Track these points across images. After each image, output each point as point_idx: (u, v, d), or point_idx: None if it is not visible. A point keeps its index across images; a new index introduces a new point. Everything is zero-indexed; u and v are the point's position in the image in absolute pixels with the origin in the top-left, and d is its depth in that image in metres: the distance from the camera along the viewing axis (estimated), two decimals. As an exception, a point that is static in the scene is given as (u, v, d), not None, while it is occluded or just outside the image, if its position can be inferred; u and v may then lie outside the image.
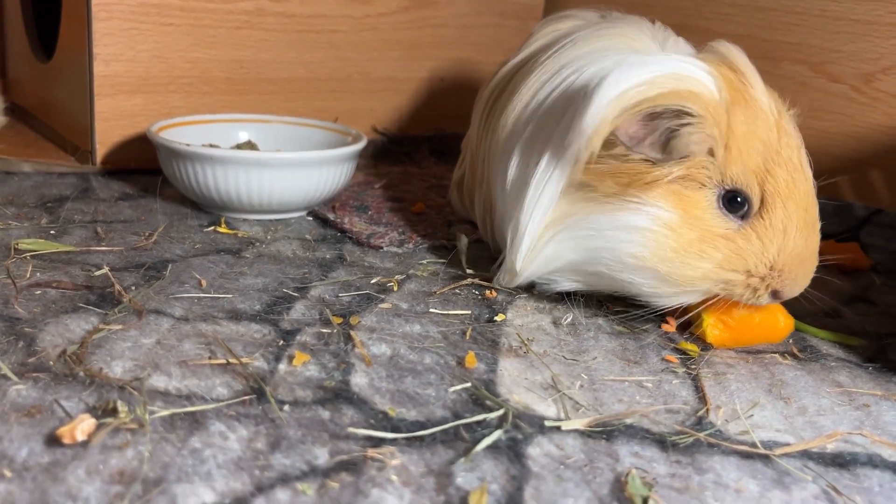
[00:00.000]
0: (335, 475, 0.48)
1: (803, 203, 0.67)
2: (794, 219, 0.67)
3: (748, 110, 0.67)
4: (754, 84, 0.68)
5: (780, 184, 0.66)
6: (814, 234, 0.68)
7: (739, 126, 0.66)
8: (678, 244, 0.66)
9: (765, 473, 0.52)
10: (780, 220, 0.66)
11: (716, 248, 0.66)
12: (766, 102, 0.68)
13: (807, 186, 0.67)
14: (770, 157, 0.66)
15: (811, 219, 0.68)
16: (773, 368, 0.68)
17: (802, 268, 0.68)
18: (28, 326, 0.63)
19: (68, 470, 0.46)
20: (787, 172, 0.66)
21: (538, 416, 0.56)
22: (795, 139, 0.69)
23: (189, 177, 0.91)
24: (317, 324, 0.68)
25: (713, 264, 0.66)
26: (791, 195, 0.66)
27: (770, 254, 0.67)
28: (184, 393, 0.55)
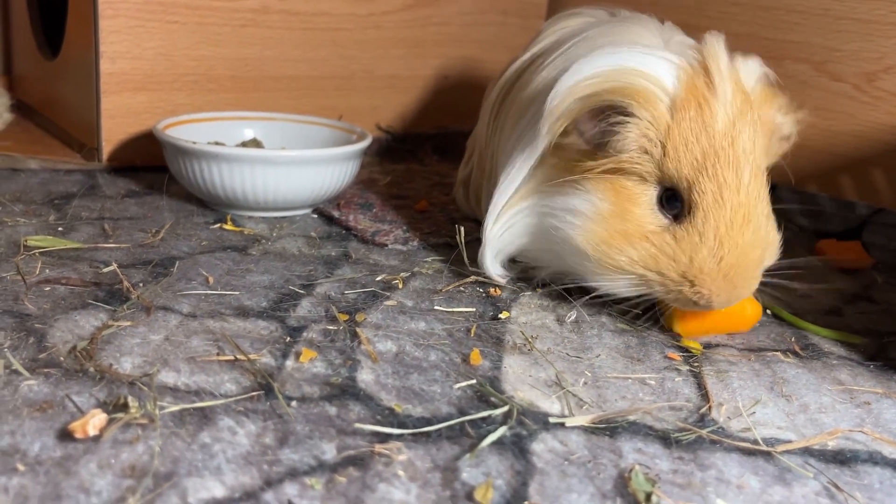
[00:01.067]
0: (343, 470, 0.49)
1: (728, 218, 0.65)
2: (712, 232, 0.65)
3: (698, 114, 0.66)
4: (717, 89, 0.67)
5: (707, 194, 0.65)
6: (737, 252, 0.65)
7: (682, 128, 0.66)
8: (605, 233, 0.69)
9: (766, 470, 0.53)
10: (698, 229, 0.66)
11: (633, 245, 0.68)
12: (723, 110, 0.66)
13: (736, 202, 0.65)
14: (705, 164, 0.66)
15: (736, 237, 0.65)
16: (774, 366, 0.68)
17: (719, 284, 0.66)
18: (38, 322, 0.64)
19: (80, 464, 0.47)
20: (716, 185, 0.65)
21: (542, 413, 0.57)
22: (745, 153, 0.66)
23: (195, 174, 0.92)
24: (323, 321, 0.69)
25: (628, 259, 0.68)
26: (715, 207, 0.65)
27: (681, 261, 0.66)
28: (193, 389, 0.56)
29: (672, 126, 0.66)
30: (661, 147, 0.67)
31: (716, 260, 0.66)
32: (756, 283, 0.69)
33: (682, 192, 0.67)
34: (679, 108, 0.67)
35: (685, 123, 0.66)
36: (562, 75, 0.69)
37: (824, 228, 1.10)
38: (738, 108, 0.67)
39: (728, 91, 0.67)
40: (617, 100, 0.67)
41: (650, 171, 0.68)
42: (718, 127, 0.66)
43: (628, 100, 0.67)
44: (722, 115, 0.66)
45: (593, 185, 0.70)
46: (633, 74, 0.67)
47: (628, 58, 0.68)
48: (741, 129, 0.67)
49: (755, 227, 0.67)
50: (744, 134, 0.67)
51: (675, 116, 0.67)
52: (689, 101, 0.67)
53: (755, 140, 0.67)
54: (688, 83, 0.67)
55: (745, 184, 0.66)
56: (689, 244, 0.66)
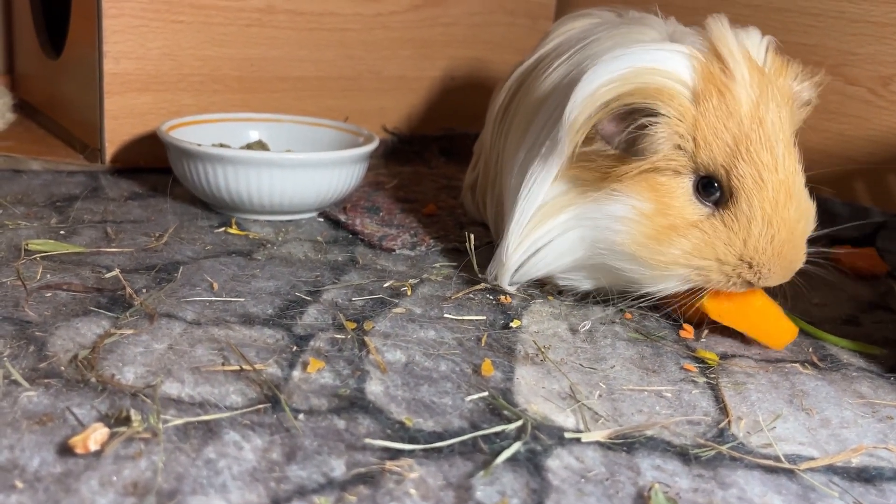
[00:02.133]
0: (352, 488, 0.47)
1: (771, 198, 0.66)
2: (759, 214, 0.66)
3: (721, 101, 0.66)
4: (735, 73, 0.67)
5: (746, 178, 0.66)
6: (785, 229, 0.67)
7: (708, 118, 0.66)
8: (652, 231, 0.68)
9: (789, 489, 0.51)
10: (745, 213, 0.67)
11: (684, 236, 0.68)
12: (745, 93, 0.66)
13: (777, 181, 0.66)
14: (739, 150, 0.66)
15: (783, 214, 0.66)
16: (793, 378, 0.66)
17: (775, 261, 0.67)
18: (39, 330, 0.62)
19: (81, 481, 0.45)
20: (753, 167, 0.66)
21: (557, 428, 0.55)
22: (775, 131, 0.67)
23: (200, 177, 0.90)
24: (330, 329, 0.67)
25: (682, 251, 0.68)
26: (757, 190, 0.66)
27: (736, 245, 0.67)
28: (197, 400, 0.55)
29: (698, 117, 0.67)
30: (691, 140, 0.67)
31: (768, 239, 0.67)
32: (804, 253, 0.69)
33: (721, 180, 0.68)
34: (701, 98, 0.67)
35: (710, 112, 0.66)
36: (575, 85, 0.67)
37: (838, 234, 1.08)
38: (757, 86, 0.67)
39: (745, 72, 0.67)
40: (640, 102, 0.66)
41: (684, 165, 0.68)
42: (744, 110, 0.67)
43: (652, 100, 0.66)
44: (745, 98, 0.67)
45: (629, 188, 0.69)
46: (649, 73, 0.67)
47: (641, 56, 0.67)
48: (766, 108, 0.67)
49: (797, 201, 0.68)
50: (770, 111, 0.67)
51: (700, 107, 0.67)
52: (710, 89, 0.67)
53: (780, 114, 0.68)
54: (704, 72, 0.67)
55: (781, 161, 0.67)
56: (741, 227, 0.67)
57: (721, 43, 0.68)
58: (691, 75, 0.67)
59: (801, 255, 0.69)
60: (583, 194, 0.71)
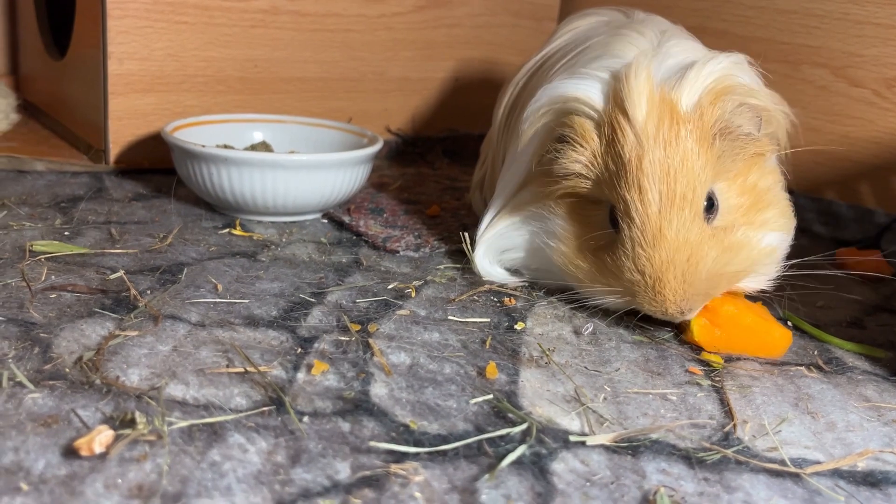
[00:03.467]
0: (357, 491, 0.47)
1: (637, 235, 0.66)
2: (630, 246, 0.67)
3: (613, 136, 0.68)
4: (628, 107, 0.67)
5: (622, 212, 0.68)
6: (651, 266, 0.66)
7: (605, 151, 0.69)
8: (572, 252, 0.73)
9: (795, 493, 0.51)
10: (622, 245, 0.68)
11: (585, 259, 0.72)
12: (631, 131, 0.67)
13: (644, 220, 0.66)
14: (618, 185, 0.68)
15: (650, 253, 0.66)
16: (798, 381, 0.66)
17: (651, 294, 0.67)
18: (43, 332, 0.62)
19: (86, 483, 0.45)
20: (624, 204, 0.67)
21: (562, 431, 0.55)
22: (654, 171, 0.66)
23: (204, 178, 0.90)
24: (335, 331, 0.67)
25: (584, 273, 0.72)
26: (628, 225, 0.67)
27: (623, 271, 0.68)
28: (202, 403, 0.55)
29: (600, 149, 0.69)
30: (595, 170, 0.70)
31: (639, 273, 0.67)
32: (697, 294, 0.67)
33: (614, 210, 0.70)
34: (605, 131, 0.69)
35: (607, 146, 0.69)
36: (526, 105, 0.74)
37: (842, 237, 1.08)
38: (653, 126, 0.67)
39: (639, 109, 0.67)
40: (560, 130, 0.71)
41: (597, 192, 0.70)
42: (627, 148, 0.67)
43: (566, 129, 0.71)
44: (630, 137, 0.67)
45: (560, 209, 0.74)
46: (569, 101, 0.71)
47: (569, 85, 0.72)
48: (652, 148, 0.67)
49: (671, 238, 0.66)
50: (656, 152, 0.66)
51: (602, 140, 0.69)
52: (613, 124, 0.68)
53: (677, 154, 0.66)
54: (609, 105, 0.69)
55: (655, 204, 0.66)
56: (620, 257, 0.68)
57: (621, 83, 0.68)
58: (603, 106, 0.69)
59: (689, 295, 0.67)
60: (532, 202, 0.76)
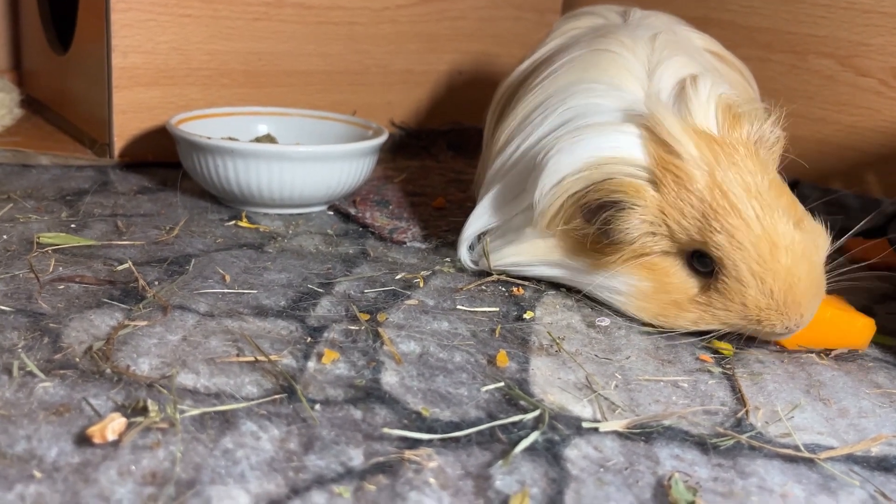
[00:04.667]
0: (371, 477, 0.47)
1: (755, 255, 0.64)
2: (748, 274, 0.65)
3: (676, 181, 0.66)
4: (682, 153, 0.66)
5: (724, 246, 0.65)
6: (781, 279, 0.64)
7: (671, 200, 0.67)
8: (657, 307, 0.70)
9: (810, 478, 0.51)
10: (735, 277, 0.65)
11: (688, 310, 0.68)
12: (696, 168, 0.66)
13: (755, 238, 0.64)
14: (710, 223, 0.65)
15: (773, 266, 0.64)
16: (809, 368, 0.66)
17: (784, 312, 0.65)
18: (52, 322, 0.62)
19: (100, 471, 0.45)
20: (725, 234, 0.65)
21: (574, 417, 0.55)
22: (738, 192, 0.65)
23: (209, 170, 0.90)
24: (344, 320, 0.67)
25: (689, 321, 0.69)
26: (738, 252, 0.65)
27: (736, 310, 0.66)
28: (213, 391, 0.54)
29: (662, 202, 0.67)
30: (663, 224, 0.67)
31: (768, 295, 0.65)
32: (818, 289, 0.66)
33: (705, 252, 0.67)
34: (660, 182, 0.67)
35: (672, 195, 0.67)
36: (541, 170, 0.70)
37: (849, 226, 1.07)
38: (709, 156, 0.66)
39: (691, 148, 0.66)
40: (606, 197, 0.67)
41: (667, 245, 0.68)
42: (701, 185, 0.66)
43: (617, 195, 0.67)
44: (698, 174, 0.66)
45: (622, 268, 0.70)
46: (611, 164, 0.68)
47: (599, 144, 0.69)
48: (724, 174, 0.66)
49: (786, 247, 0.65)
50: (728, 176, 0.66)
51: (661, 191, 0.67)
52: (665, 172, 0.67)
53: (742, 173, 0.66)
54: (657, 155, 0.67)
55: (754, 218, 0.65)
56: (736, 292, 0.66)
57: (660, 127, 0.67)
58: (647, 160, 0.67)
59: (812, 292, 0.66)
60: (573, 252, 0.73)
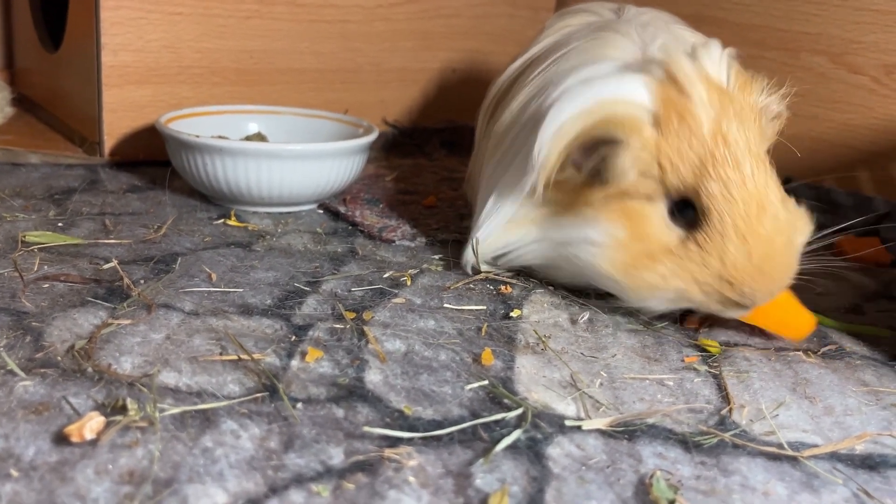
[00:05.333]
0: (351, 476, 0.46)
1: (743, 213, 0.64)
2: (732, 230, 0.64)
3: (682, 124, 0.66)
4: (692, 94, 0.66)
5: (716, 196, 0.65)
6: (762, 243, 0.64)
7: (671, 142, 0.66)
8: (628, 257, 0.68)
9: (793, 476, 0.50)
10: (719, 231, 0.65)
11: (661, 262, 0.67)
12: (704, 112, 0.66)
13: (747, 195, 0.64)
14: (705, 169, 0.65)
15: (757, 229, 0.64)
16: (796, 366, 0.66)
17: (757, 279, 0.65)
18: (35, 321, 0.62)
19: (77, 469, 0.45)
20: (720, 184, 0.65)
21: (558, 416, 0.55)
22: (739, 147, 0.65)
23: (198, 168, 0.89)
24: (329, 319, 0.67)
25: (659, 276, 0.67)
26: (727, 206, 0.64)
27: (713, 265, 0.65)
28: (194, 390, 0.54)
29: (661, 142, 0.66)
30: (657, 165, 0.66)
31: (746, 256, 0.65)
32: (790, 270, 0.67)
33: (693, 200, 0.66)
34: (662, 123, 0.66)
35: (673, 136, 0.66)
36: (541, 121, 0.68)
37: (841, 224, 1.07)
38: (718, 105, 0.66)
39: (702, 92, 0.66)
40: (603, 133, 0.66)
41: (654, 189, 0.67)
42: (706, 129, 0.66)
43: (615, 131, 0.66)
44: (705, 118, 0.66)
45: (603, 215, 0.69)
46: (611, 104, 0.67)
47: (601, 88, 0.68)
48: (729, 125, 0.66)
49: (773, 214, 0.65)
50: (733, 128, 0.66)
51: (663, 132, 0.66)
52: (670, 113, 0.66)
53: (746, 130, 0.66)
54: (663, 97, 0.67)
55: (750, 175, 0.65)
56: (716, 246, 0.65)
57: (676, 67, 0.67)
58: (651, 101, 0.67)
59: (787, 269, 0.66)
60: (555, 214, 0.72)
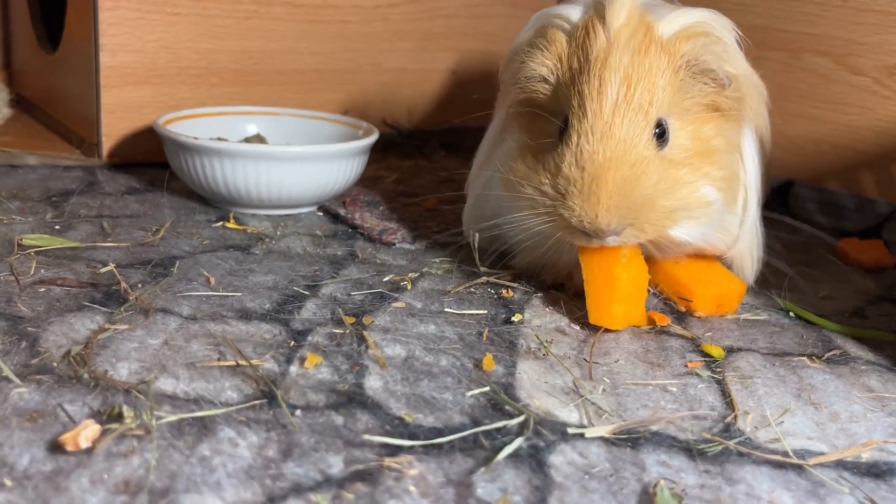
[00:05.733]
0: (350, 485, 0.46)
1: (586, 129, 0.65)
2: (575, 140, 0.65)
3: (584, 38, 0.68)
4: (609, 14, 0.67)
5: (575, 109, 0.67)
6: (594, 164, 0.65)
7: (570, 53, 0.69)
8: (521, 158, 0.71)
9: (798, 484, 0.50)
10: (567, 142, 0.66)
11: (527, 162, 0.70)
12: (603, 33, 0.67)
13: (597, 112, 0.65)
14: (576, 81, 0.67)
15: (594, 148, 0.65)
16: (800, 372, 0.65)
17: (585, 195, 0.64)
18: (31, 326, 0.61)
19: (71, 479, 0.44)
20: (580, 99, 0.66)
21: (560, 423, 0.54)
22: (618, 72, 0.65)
23: (197, 171, 0.89)
24: (329, 323, 0.66)
25: (521, 175, 0.69)
26: (578, 120, 0.66)
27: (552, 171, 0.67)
28: (192, 396, 0.53)
29: (566, 53, 0.69)
30: (557, 75, 0.69)
31: (579, 168, 0.65)
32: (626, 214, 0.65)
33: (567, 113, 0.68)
34: (575, 36, 0.69)
35: (573, 48, 0.69)
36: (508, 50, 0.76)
37: (843, 227, 1.07)
38: (626, 35, 0.67)
39: (617, 18, 0.67)
40: (535, 40, 0.71)
41: (556, 103, 0.70)
42: (596, 47, 0.67)
43: (540, 39, 0.71)
44: (601, 38, 0.67)
45: (516, 126, 0.73)
46: (546, 17, 0.73)
47: (549, 13, 0.74)
48: (620, 55, 0.66)
49: (619, 147, 0.65)
50: (623, 57, 0.66)
51: (571, 44, 0.69)
52: (584, 29, 0.69)
53: (637, 68, 0.66)
54: (588, 16, 0.69)
55: (611, 100, 0.66)
56: (560, 155, 0.67)
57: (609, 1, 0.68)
58: (579, 17, 0.70)
59: (618, 207, 0.65)
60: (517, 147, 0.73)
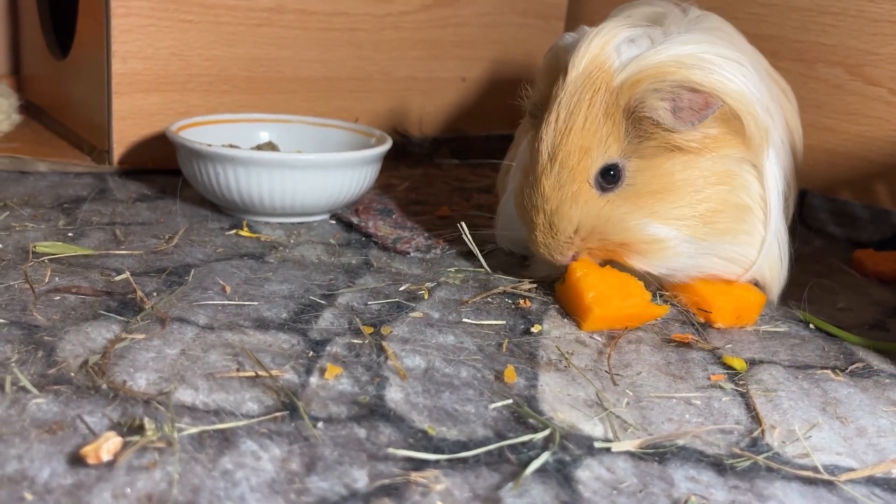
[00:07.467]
0: (376, 500, 0.45)
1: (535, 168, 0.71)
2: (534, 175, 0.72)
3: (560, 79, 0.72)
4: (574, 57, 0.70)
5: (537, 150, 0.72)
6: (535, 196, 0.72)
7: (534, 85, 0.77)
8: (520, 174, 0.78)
9: (830, 501, 0.49)
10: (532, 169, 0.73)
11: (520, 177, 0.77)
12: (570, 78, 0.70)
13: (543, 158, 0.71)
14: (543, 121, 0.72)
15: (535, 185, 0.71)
16: (824, 385, 0.64)
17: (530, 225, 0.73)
18: (47, 335, 0.60)
19: (93, 493, 0.43)
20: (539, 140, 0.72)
21: (586, 437, 0.53)
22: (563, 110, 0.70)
23: (210, 178, 0.88)
24: (347, 334, 0.65)
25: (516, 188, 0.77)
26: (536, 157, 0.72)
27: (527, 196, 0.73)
28: (212, 408, 0.53)
29: (544, 92, 0.75)
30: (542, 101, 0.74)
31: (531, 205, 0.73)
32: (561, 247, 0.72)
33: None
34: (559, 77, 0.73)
35: (545, 81, 0.75)
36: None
37: (858, 237, 1.06)
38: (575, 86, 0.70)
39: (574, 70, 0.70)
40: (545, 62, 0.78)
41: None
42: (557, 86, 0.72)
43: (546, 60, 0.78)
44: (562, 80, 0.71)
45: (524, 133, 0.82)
46: (555, 48, 0.77)
47: (566, 36, 0.78)
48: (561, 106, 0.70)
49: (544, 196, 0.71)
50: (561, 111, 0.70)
51: (551, 84, 0.73)
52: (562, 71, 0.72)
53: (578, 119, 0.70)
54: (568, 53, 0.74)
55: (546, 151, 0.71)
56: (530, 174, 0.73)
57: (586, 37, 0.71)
58: (567, 53, 0.73)
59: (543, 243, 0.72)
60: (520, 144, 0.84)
